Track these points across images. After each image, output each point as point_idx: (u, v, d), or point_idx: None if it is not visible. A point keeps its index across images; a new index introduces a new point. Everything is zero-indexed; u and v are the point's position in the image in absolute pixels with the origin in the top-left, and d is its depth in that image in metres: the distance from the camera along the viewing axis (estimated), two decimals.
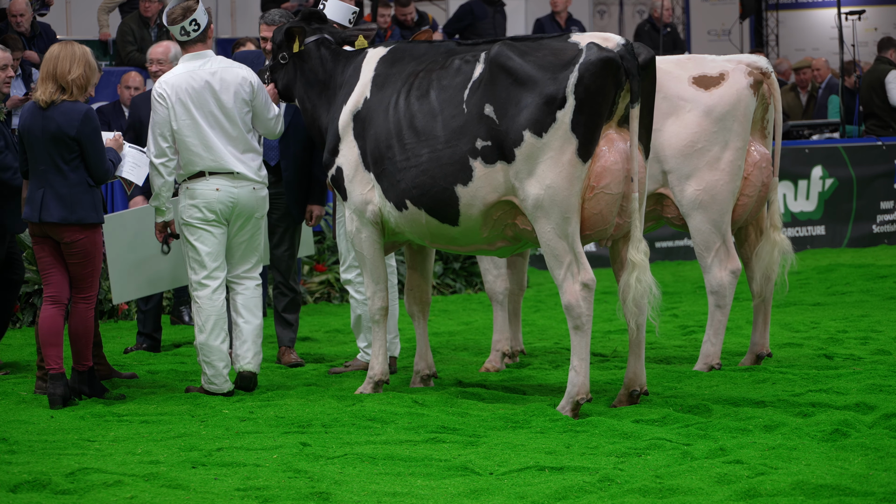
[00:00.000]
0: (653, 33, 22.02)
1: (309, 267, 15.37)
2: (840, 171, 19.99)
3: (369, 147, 9.58)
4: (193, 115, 9.87)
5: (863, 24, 23.77)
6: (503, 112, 8.99)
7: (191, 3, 9.99)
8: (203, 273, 9.95)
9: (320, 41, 10.10)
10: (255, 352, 10.17)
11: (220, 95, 9.93)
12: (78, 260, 9.66)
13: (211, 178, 9.93)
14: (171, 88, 9.90)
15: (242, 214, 9.99)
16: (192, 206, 9.93)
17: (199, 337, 9.94)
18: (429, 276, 10.27)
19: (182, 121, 9.88)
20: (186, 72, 9.96)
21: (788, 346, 11.72)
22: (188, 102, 9.88)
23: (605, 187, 8.91)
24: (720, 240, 10.43)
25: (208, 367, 9.95)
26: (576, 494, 7.09)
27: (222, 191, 9.92)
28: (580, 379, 8.92)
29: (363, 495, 7.15)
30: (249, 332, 10.14)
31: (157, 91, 9.95)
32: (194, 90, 9.89)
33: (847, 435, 8.15)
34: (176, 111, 9.87)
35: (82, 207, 9.60)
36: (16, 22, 17.02)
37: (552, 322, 13.61)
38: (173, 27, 10.00)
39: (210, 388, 9.96)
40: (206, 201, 9.90)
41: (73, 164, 9.59)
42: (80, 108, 9.59)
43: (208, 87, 9.92)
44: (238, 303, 10.15)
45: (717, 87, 10.45)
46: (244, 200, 9.97)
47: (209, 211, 9.90)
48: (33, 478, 7.43)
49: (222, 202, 9.92)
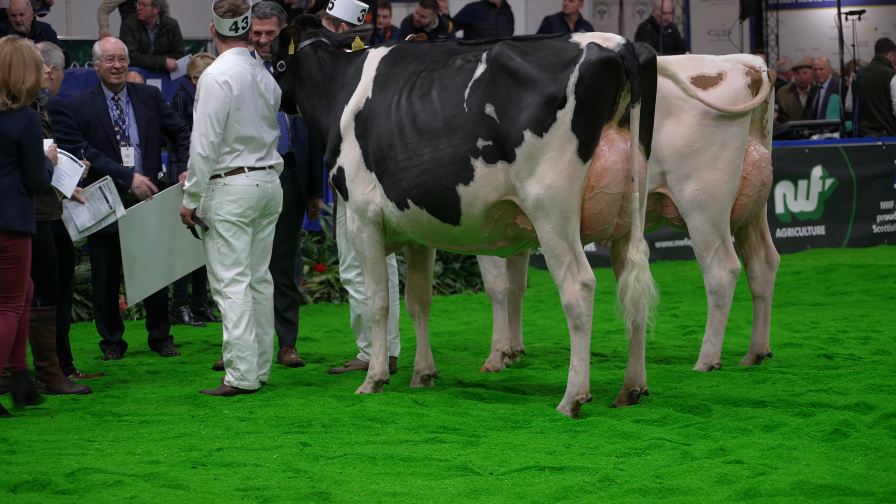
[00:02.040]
0: (654, 34, 22.02)
1: (309, 267, 15.37)
2: (840, 171, 19.99)
3: (371, 147, 9.59)
4: (245, 107, 9.94)
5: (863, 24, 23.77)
6: (504, 112, 9.00)
7: (239, 3, 10.04)
8: (236, 270, 9.97)
9: (317, 44, 10.12)
10: (271, 362, 10.33)
11: (262, 93, 10.03)
12: (6, 266, 9.21)
13: (251, 173, 9.97)
14: (234, 79, 9.92)
15: (270, 208, 10.10)
16: (230, 203, 9.94)
17: (233, 332, 9.93)
18: (430, 275, 10.28)
19: (240, 112, 9.93)
20: (241, 65, 10.00)
21: (788, 346, 11.71)
22: (244, 95, 9.93)
23: (606, 187, 8.91)
24: (719, 240, 10.43)
25: (243, 362, 9.95)
26: (576, 494, 7.09)
27: (261, 186, 9.99)
28: (580, 379, 8.92)
29: (363, 495, 7.16)
30: (268, 344, 10.27)
31: (221, 79, 9.91)
32: (247, 84, 9.96)
33: (847, 435, 8.15)
34: (236, 101, 9.91)
35: (8, 212, 9.15)
36: (16, 22, 17.02)
37: (552, 322, 13.61)
38: (224, 21, 9.96)
39: (242, 385, 9.95)
40: (246, 197, 9.95)
41: (7, 169, 9.16)
42: (26, 111, 9.21)
43: (255, 84, 10.00)
44: (258, 312, 10.22)
45: (716, 87, 10.45)
46: (275, 193, 10.09)
47: (249, 208, 9.95)
48: (33, 478, 7.43)
49: (262, 197, 9.99)
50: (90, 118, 11.50)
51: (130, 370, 11.14)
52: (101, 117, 11.44)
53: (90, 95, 11.65)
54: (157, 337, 12.04)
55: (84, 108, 11.52)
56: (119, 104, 11.59)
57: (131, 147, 11.50)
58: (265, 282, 10.26)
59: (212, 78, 9.93)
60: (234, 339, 9.93)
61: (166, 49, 18.51)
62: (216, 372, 10.91)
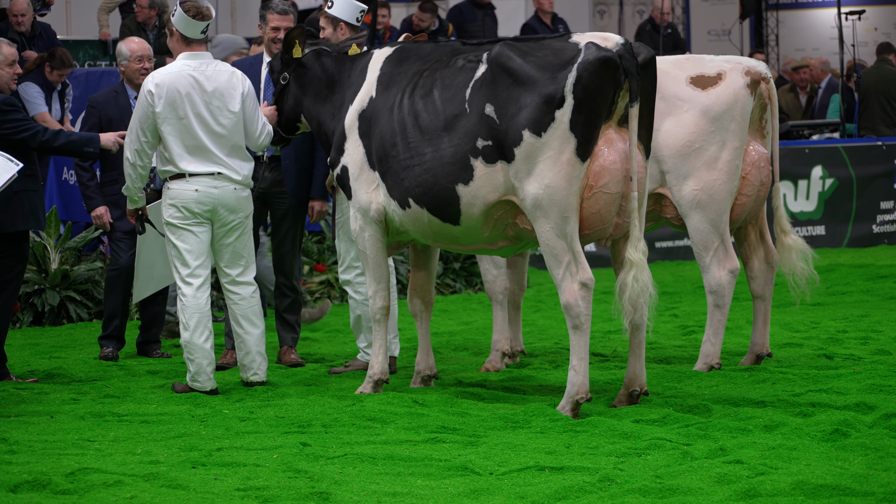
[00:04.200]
0: (653, 34, 22.02)
1: (309, 267, 15.37)
2: (840, 171, 19.99)
3: (374, 146, 9.60)
4: (179, 114, 9.90)
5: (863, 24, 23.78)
6: (503, 112, 9.00)
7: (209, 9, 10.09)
8: (185, 271, 9.99)
9: (318, 52, 10.15)
10: (260, 361, 10.22)
11: (210, 98, 9.96)
12: None
13: (191, 178, 9.96)
14: (161, 86, 9.92)
15: (224, 215, 10.02)
16: (171, 206, 9.99)
17: (183, 335, 9.99)
18: (433, 275, 10.28)
19: (167, 119, 9.91)
20: (179, 71, 9.98)
21: (788, 346, 11.71)
22: (176, 101, 9.90)
23: (604, 187, 8.91)
24: (718, 239, 10.43)
25: (192, 364, 10.00)
26: (576, 494, 7.09)
27: (201, 191, 9.96)
28: (580, 378, 8.92)
29: (363, 495, 7.15)
30: (252, 343, 10.18)
31: (147, 88, 9.96)
32: (184, 89, 9.91)
33: (847, 435, 8.15)
34: (162, 110, 9.90)
35: None
36: (16, 22, 17.02)
37: (552, 322, 13.61)
38: (195, 24, 9.99)
39: (193, 385, 10.02)
40: (183, 201, 9.95)
41: None
42: None
43: (199, 88, 9.95)
44: (236, 313, 10.17)
45: (715, 87, 10.45)
46: (226, 200, 10.00)
47: (188, 211, 9.94)
48: (33, 478, 7.43)
49: (201, 203, 9.94)
50: (112, 116, 11.64)
51: (130, 370, 11.14)
52: (124, 115, 11.46)
53: (113, 94, 11.85)
54: (149, 339, 11.94)
55: (107, 106, 11.74)
56: None
57: None
58: (239, 284, 10.17)
59: (143, 86, 10.02)
60: (184, 341, 10.00)
61: (166, 49, 18.49)
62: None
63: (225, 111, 10.00)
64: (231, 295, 10.18)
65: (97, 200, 11.78)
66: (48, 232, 14.00)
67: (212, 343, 10.02)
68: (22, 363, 11.51)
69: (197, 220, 9.97)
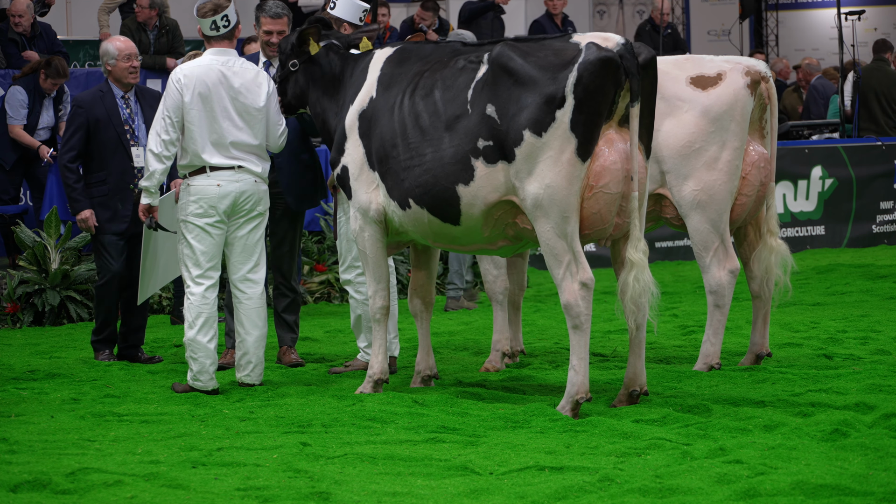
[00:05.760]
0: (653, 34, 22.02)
1: (309, 267, 15.37)
2: (840, 171, 19.99)
3: (374, 146, 9.61)
4: (206, 107, 9.95)
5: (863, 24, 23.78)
6: (504, 112, 9.01)
7: (222, 1, 10.08)
8: (197, 271, 9.99)
9: (329, 46, 10.16)
10: (255, 363, 10.21)
11: (236, 94, 10.01)
12: None
13: (212, 173, 9.97)
14: (190, 78, 9.96)
15: (243, 208, 10.03)
16: (192, 203, 9.96)
17: (188, 333, 9.99)
18: (434, 275, 10.29)
19: (193, 110, 9.93)
20: (208, 64, 10.04)
21: (788, 346, 11.72)
22: (204, 94, 9.96)
23: (604, 187, 8.91)
24: (718, 239, 10.43)
25: (195, 363, 10.00)
26: (576, 494, 7.09)
27: (223, 186, 9.96)
28: (579, 378, 8.92)
29: (363, 495, 7.16)
30: (250, 344, 10.18)
31: (175, 76, 10.01)
32: (212, 82, 9.97)
33: (847, 435, 8.15)
34: (190, 101, 9.92)
35: None
36: (15, 22, 17.03)
37: (552, 322, 13.61)
38: (203, 20, 10.07)
39: (195, 385, 10.01)
40: (206, 197, 9.93)
41: None
42: None
43: (226, 83, 10.01)
44: (240, 312, 10.17)
45: (715, 88, 10.46)
46: (247, 192, 10.03)
47: (210, 207, 9.93)
48: (33, 478, 7.43)
49: (223, 197, 9.95)
50: (100, 116, 11.46)
51: (130, 370, 11.14)
52: (112, 115, 11.41)
53: (99, 93, 11.59)
54: (133, 343, 11.61)
55: (94, 106, 11.49)
56: (129, 103, 11.57)
57: (140, 147, 11.43)
58: (248, 281, 10.18)
59: (171, 76, 10.04)
60: (187, 339, 9.99)
61: (166, 49, 18.51)
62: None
63: (250, 107, 10.05)
64: (238, 293, 10.18)
65: (83, 203, 11.47)
66: (48, 232, 14.01)
67: (216, 343, 10.02)
68: (22, 363, 11.52)
69: (218, 219, 9.98)
